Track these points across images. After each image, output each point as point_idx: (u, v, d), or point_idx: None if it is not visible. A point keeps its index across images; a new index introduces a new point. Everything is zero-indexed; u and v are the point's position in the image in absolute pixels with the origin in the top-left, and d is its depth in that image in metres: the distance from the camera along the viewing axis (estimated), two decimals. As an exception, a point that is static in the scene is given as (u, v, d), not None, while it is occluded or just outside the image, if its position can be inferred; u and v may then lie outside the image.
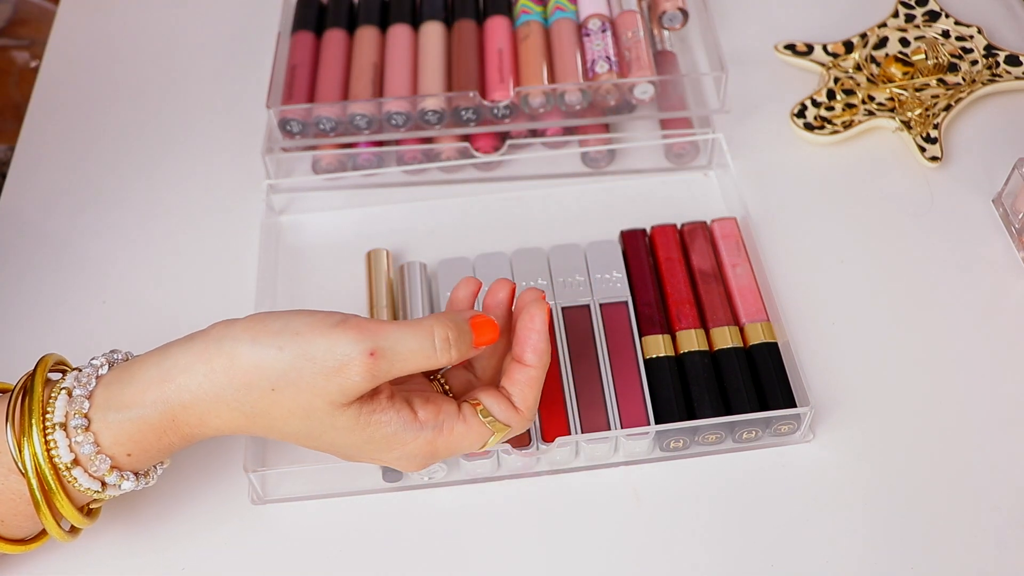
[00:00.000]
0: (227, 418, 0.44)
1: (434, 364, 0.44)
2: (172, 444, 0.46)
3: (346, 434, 0.44)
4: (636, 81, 0.65)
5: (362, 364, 0.42)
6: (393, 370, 0.43)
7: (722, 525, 0.52)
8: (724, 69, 0.65)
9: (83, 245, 0.66)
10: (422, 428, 0.45)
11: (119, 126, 0.72)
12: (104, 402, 0.45)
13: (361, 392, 0.43)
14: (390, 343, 0.43)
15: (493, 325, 0.46)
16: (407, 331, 0.43)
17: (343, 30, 0.72)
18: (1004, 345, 0.58)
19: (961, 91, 0.69)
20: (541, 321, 0.46)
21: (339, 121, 0.66)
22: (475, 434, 0.46)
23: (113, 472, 0.45)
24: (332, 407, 0.43)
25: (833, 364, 0.58)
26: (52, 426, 0.44)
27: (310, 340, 0.43)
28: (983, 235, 0.63)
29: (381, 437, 0.44)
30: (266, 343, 0.43)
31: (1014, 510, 0.52)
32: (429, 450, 0.45)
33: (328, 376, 0.42)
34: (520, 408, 0.46)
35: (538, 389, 0.47)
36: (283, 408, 0.43)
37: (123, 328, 0.61)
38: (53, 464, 0.44)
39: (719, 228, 0.62)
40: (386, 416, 0.44)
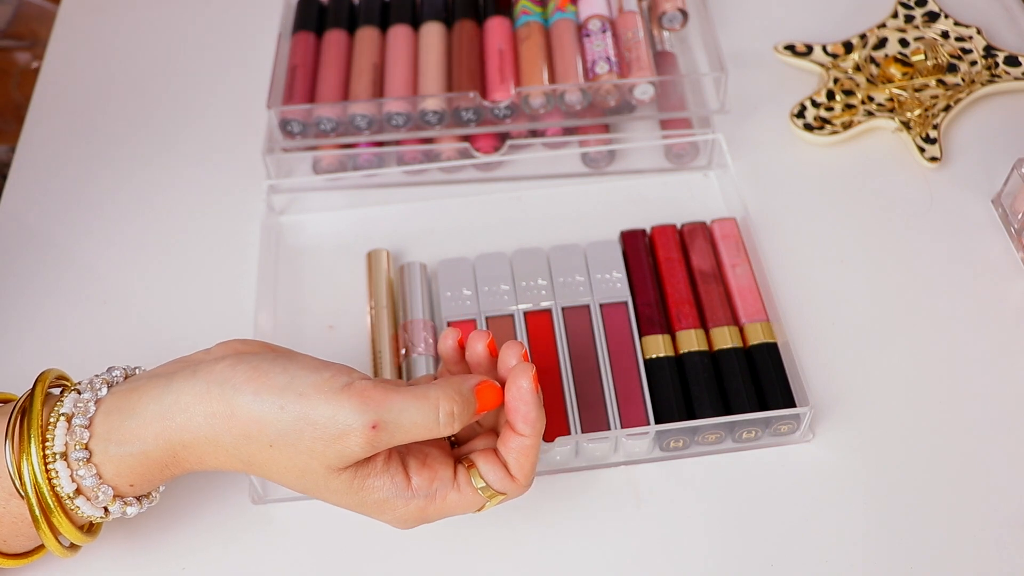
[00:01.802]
0: (224, 461, 0.44)
1: (436, 436, 0.44)
2: (174, 474, 0.46)
3: (339, 496, 0.44)
4: (636, 82, 0.65)
5: (363, 435, 0.42)
6: (394, 441, 0.43)
7: (722, 525, 0.52)
8: (724, 69, 0.65)
9: (84, 245, 0.66)
10: (414, 496, 0.44)
11: (119, 127, 0.72)
12: (105, 434, 0.44)
13: (358, 459, 0.43)
14: (393, 415, 0.42)
15: (497, 391, 0.45)
16: (411, 403, 0.43)
17: (343, 31, 0.72)
18: (1004, 345, 0.58)
19: (960, 92, 0.69)
20: (528, 390, 0.44)
21: (339, 121, 0.66)
22: (468, 502, 0.45)
23: (116, 501, 0.45)
24: (328, 471, 0.43)
25: (833, 364, 0.58)
26: (53, 455, 0.43)
27: (313, 404, 0.42)
28: (982, 235, 0.63)
29: (373, 501, 0.44)
30: (268, 400, 0.42)
31: (1014, 510, 0.52)
32: (420, 516, 0.45)
33: (327, 443, 0.42)
34: (516, 477, 0.46)
35: (534, 456, 0.46)
36: (279, 464, 0.43)
37: (123, 328, 0.61)
38: (55, 493, 0.44)
39: (719, 228, 0.62)
40: (379, 481, 0.44)
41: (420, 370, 0.56)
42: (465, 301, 0.59)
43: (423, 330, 0.58)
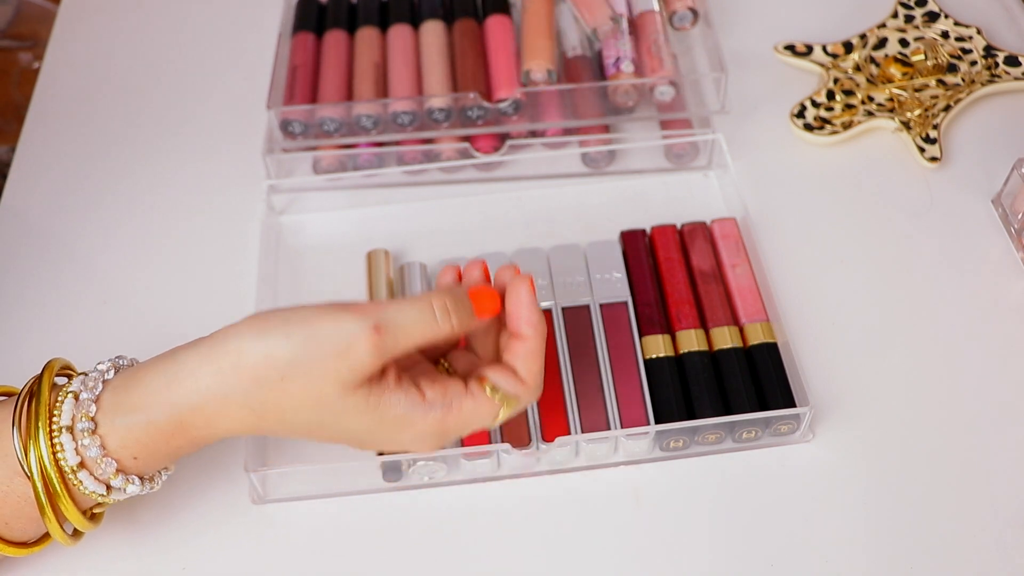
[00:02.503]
0: (236, 418, 0.44)
1: (437, 333, 0.45)
2: (180, 448, 0.46)
3: (357, 418, 0.44)
4: (656, 81, 0.65)
5: (368, 340, 0.43)
6: (399, 343, 0.44)
7: (722, 525, 0.52)
8: (724, 70, 0.65)
9: (84, 245, 0.66)
10: (431, 407, 0.45)
11: (120, 126, 0.72)
12: (111, 406, 0.45)
13: (370, 370, 0.43)
14: (392, 315, 0.44)
15: (492, 294, 0.47)
16: (407, 304, 0.45)
17: (343, 31, 0.72)
18: (1003, 345, 0.58)
19: (960, 92, 0.69)
20: (527, 293, 0.47)
21: (343, 122, 0.66)
22: (484, 409, 0.46)
23: (119, 475, 0.45)
24: (343, 390, 0.43)
25: (833, 364, 0.58)
26: (59, 429, 0.44)
27: (316, 325, 0.43)
28: (982, 235, 0.63)
29: (392, 418, 0.45)
30: (272, 333, 0.43)
31: (1014, 510, 0.52)
32: (440, 428, 0.46)
33: (337, 357, 0.43)
34: (525, 379, 0.47)
35: (540, 359, 0.47)
36: (294, 399, 0.43)
37: (124, 327, 0.61)
38: (59, 467, 0.44)
39: (719, 228, 0.62)
40: (395, 397, 0.44)
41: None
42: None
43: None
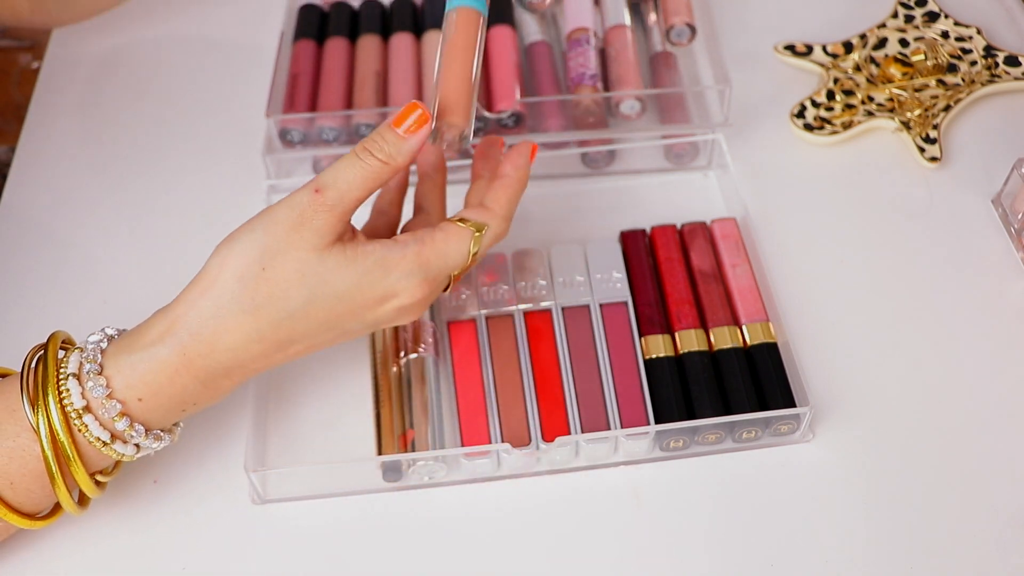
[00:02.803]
0: (235, 327, 0.46)
1: (372, 169, 0.47)
2: (186, 387, 0.47)
3: (341, 272, 0.47)
4: (623, 96, 0.65)
5: (314, 200, 0.46)
6: (343, 195, 0.47)
7: (722, 525, 0.52)
8: (728, 82, 0.65)
9: (84, 245, 0.66)
10: (405, 244, 0.48)
11: (119, 127, 0.72)
12: (116, 350, 0.47)
13: (331, 229, 0.47)
14: (327, 174, 0.47)
15: (410, 106, 0.48)
16: (339, 160, 0.48)
17: (345, 39, 0.72)
18: (1003, 345, 0.58)
19: (960, 92, 0.69)
20: (527, 150, 0.51)
21: (342, 131, 0.66)
22: (455, 238, 0.49)
23: (123, 418, 0.46)
24: (316, 252, 0.46)
25: (833, 364, 0.58)
26: (66, 376, 0.46)
27: (272, 210, 0.47)
28: (982, 235, 0.63)
29: (373, 262, 0.47)
30: (241, 236, 0.47)
31: (1014, 510, 0.52)
32: (420, 262, 0.48)
33: (299, 227, 0.46)
34: (492, 207, 0.50)
35: (512, 192, 0.50)
36: (280, 282, 0.46)
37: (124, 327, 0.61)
38: (64, 413, 0.45)
39: (719, 228, 0.62)
40: (368, 246, 0.48)
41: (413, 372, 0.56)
42: (465, 301, 0.59)
43: (423, 330, 0.57)
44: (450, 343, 0.58)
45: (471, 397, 0.55)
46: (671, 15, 0.70)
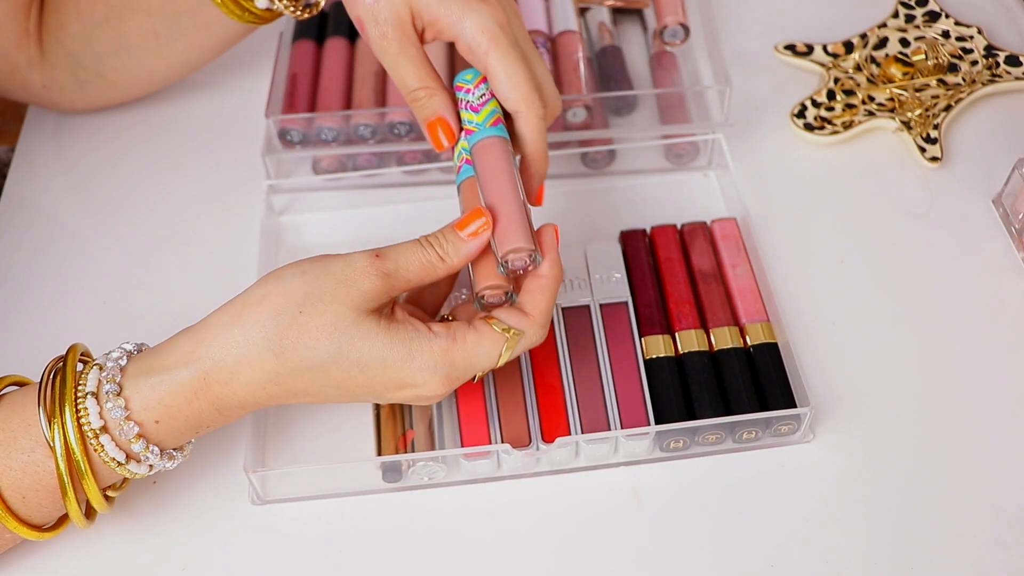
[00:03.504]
0: (257, 364, 0.46)
1: (429, 260, 0.48)
2: (201, 411, 0.47)
3: (371, 341, 0.46)
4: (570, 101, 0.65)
5: (372, 264, 0.47)
6: (400, 270, 0.47)
7: (722, 525, 0.52)
8: (728, 82, 0.65)
9: (83, 246, 0.66)
10: (436, 336, 0.47)
11: (119, 127, 0.72)
12: (136, 370, 0.47)
13: (378, 295, 0.47)
14: (391, 248, 0.48)
15: (477, 212, 0.48)
16: (404, 244, 0.49)
17: (344, 38, 0.72)
18: (1004, 345, 0.58)
19: (961, 91, 0.69)
20: (551, 237, 0.49)
21: (341, 131, 0.66)
22: (488, 341, 0.48)
23: (139, 440, 0.46)
24: (356, 314, 0.46)
25: (833, 364, 0.58)
26: (84, 395, 0.46)
27: (327, 261, 0.47)
28: (983, 235, 0.63)
29: (401, 342, 0.47)
30: (288, 274, 0.47)
31: (1014, 510, 0.52)
32: (446, 359, 0.47)
33: (348, 283, 0.46)
34: (531, 314, 0.49)
35: (550, 297, 0.49)
36: (312, 329, 0.46)
37: (124, 328, 0.61)
38: (81, 431, 0.45)
39: (719, 228, 0.62)
40: (403, 327, 0.47)
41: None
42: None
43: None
44: (450, 343, 0.58)
45: (471, 397, 0.55)
46: (665, 15, 0.70)
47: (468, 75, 0.52)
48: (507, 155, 0.51)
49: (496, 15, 0.51)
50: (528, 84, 0.51)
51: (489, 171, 0.50)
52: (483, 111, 0.52)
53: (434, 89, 0.52)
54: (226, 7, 0.59)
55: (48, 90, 0.67)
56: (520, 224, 0.48)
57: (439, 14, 0.51)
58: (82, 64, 0.65)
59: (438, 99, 0.52)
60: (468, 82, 0.52)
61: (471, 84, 0.52)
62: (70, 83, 0.67)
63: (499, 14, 0.51)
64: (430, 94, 0.52)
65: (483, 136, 0.51)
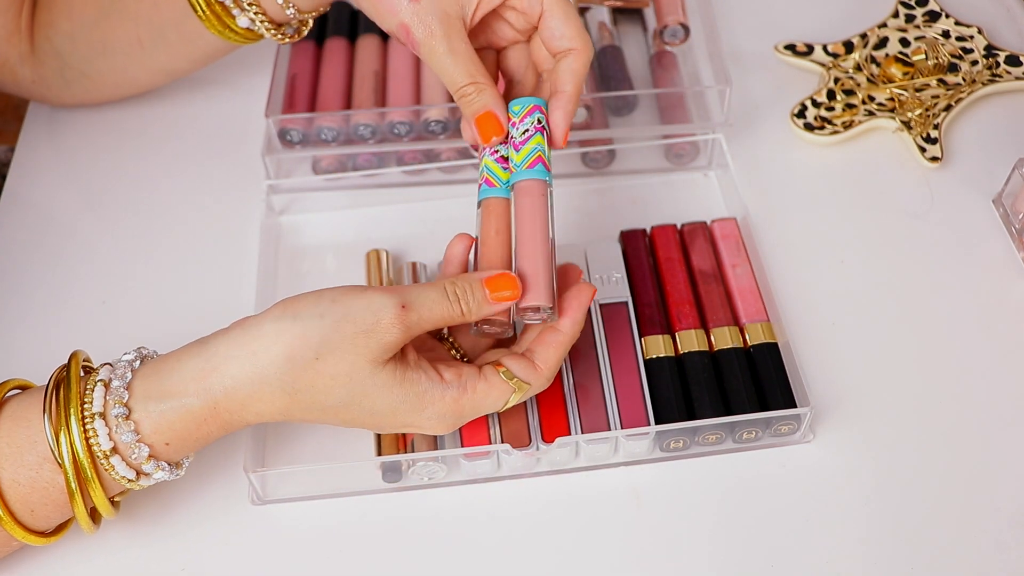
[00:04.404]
0: (269, 400, 0.46)
1: (452, 314, 0.47)
2: (210, 433, 0.47)
3: (384, 392, 0.47)
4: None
5: (396, 316, 0.46)
6: (422, 321, 0.47)
7: (722, 525, 0.52)
8: (728, 82, 0.65)
9: (83, 245, 0.66)
10: (448, 387, 0.48)
11: (119, 126, 0.72)
12: (144, 392, 0.46)
13: (397, 346, 0.46)
14: (415, 296, 0.47)
15: (507, 276, 0.48)
16: (427, 286, 0.48)
17: (344, 38, 0.72)
18: (1004, 345, 0.58)
19: (961, 91, 0.69)
20: (586, 300, 0.50)
21: (341, 131, 0.66)
22: (497, 391, 0.49)
23: (150, 461, 0.46)
24: (373, 365, 0.46)
25: (833, 364, 0.58)
26: (91, 415, 0.45)
27: (347, 304, 0.46)
28: (983, 235, 0.63)
29: (414, 395, 0.47)
30: (307, 314, 0.46)
31: (1014, 510, 0.52)
32: (455, 408, 0.48)
33: (368, 334, 0.45)
34: (541, 367, 0.49)
35: (562, 353, 0.50)
36: (326, 376, 0.46)
37: (123, 328, 0.61)
38: (91, 452, 0.45)
39: (719, 228, 0.62)
40: (416, 375, 0.47)
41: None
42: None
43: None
44: (450, 343, 0.58)
45: (471, 397, 0.55)
46: (665, 15, 0.70)
47: (516, 106, 0.52)
48: (546, 202, 0.51)
49: None
50: (581, 24, 0.53)
51: (526, 218, 0.50)
52: (523, 149, 0.51)
53: (483, 84, 0.52)
54: (209, 22, 0.59)
55: (36, 85, 0.67)
56: (545, 282, 0.48)
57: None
58: (69, 63, 0.65)
59: (488, 94, 0.52)
60: (515, 115, 0.52)
61: (516, 118, 0.52)
62: (57, 80, 0.67)
63: None
64: (479, 89, 0.52)
65: (525, 177, 0.51)
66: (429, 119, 0.65)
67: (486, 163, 0.52)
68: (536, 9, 0.53)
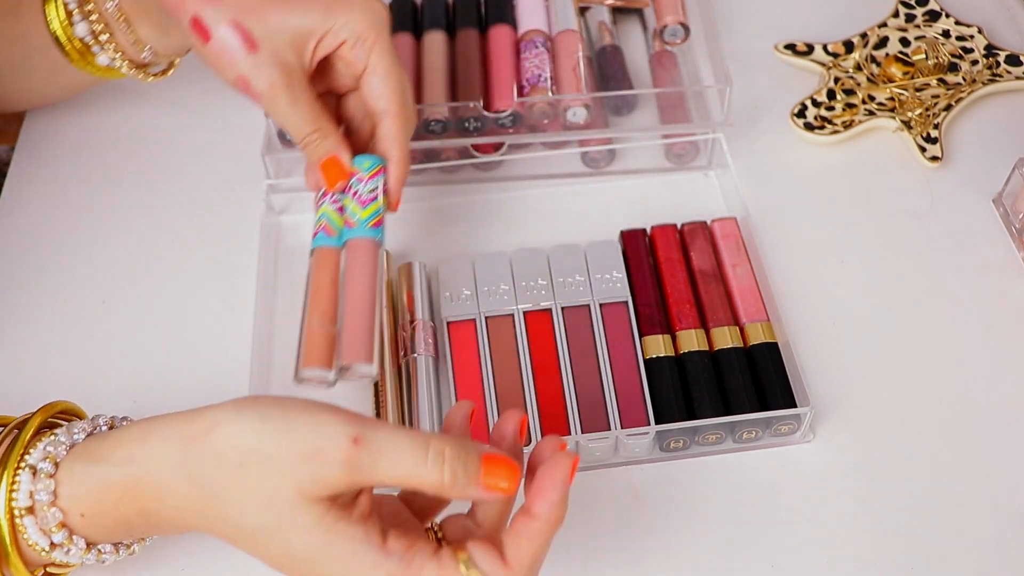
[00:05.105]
0: (184, 496, 0.41)
1: (422, 477, 0.39)
2: (128, 520, 0.42)
3: (303, 536, 0.39)
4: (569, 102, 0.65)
5: (342, 450, 0.38)
6: (376, 468, 0.38)
7: (722, 525, 0.52)
8: (729, 82, 0.65)
9: (83, 245, 0.66)
10: (386, 557, 0.39)
11: (119, 125, 0.72)
12: (79, 452, 0.43)
13: (335, 487, 0.39)
14: (378, 436, 0.39)
15: (509, 465, 0.40)
16: (402, 433, 0.39)
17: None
18: (1004, 345, 0.58)
19: (961, 91, 0.69)
20: (565, 473, 0.40)
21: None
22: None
23: (62, 530, 0.42)
24: (299, 497, 0.39)
25: (833, 364, 0.58)
26: (24, 467, 0.42)
27: (296, 417, 0.39)
28: (983, 235, 0.63)
29: (339, 552, 0.39)
30: (247, 413, 0.40)
31: (1014, 510, 0.52)
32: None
33: (304, 459, 0.38)
34: (511, 564, 0.40)
35: (538, 546, 0.40)
36: (245, 491, 0.39)
37: (123, 328, 0.61)
38: (10, 507, 0.42)
39: (719, 228, 0.62)
40: (352, 529, 0.39)
41: (420, 371, 0.56)
42: (465, 301, 0.59)
43: (423, 331, 0.57)
44: (450, 343, 0.58)
45: (471, 397, 0.55)
46: (665, 14, 0.70)
47: (366, 163, 0.52)
48: (376, 262, 0.50)
49: (383, 13, 0.52)
50: (404, 86, 0.52)
51: (357, 274, 0.50)
52: (369, 208, 0.51)
53: (327, 130, 0.52)
54: (71, 56, 0.58)
55: None
56: (366, 341, 0.47)
57: (332, 23, 0.50)
58: None
59: (332, 140, 0.52)
60: (365, 171, 0.52)
61: (366, 174, 0.52)
62: None
63: (382, 8, 0.52)
64: (323, 135, 0.51)
65: (362, 235, 0.51)
66: (429, 119, 0.65)
67: (325, 211, 0.52)
68: (360, 63, 0.51)
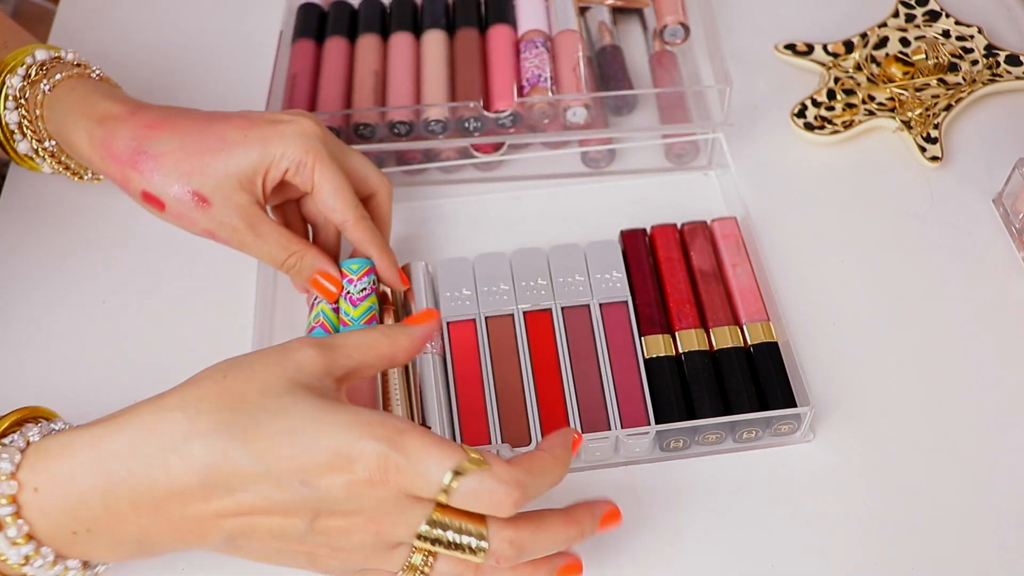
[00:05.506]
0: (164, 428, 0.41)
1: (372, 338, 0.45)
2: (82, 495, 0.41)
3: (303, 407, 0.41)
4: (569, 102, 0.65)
5: (311, 345, 0.43)
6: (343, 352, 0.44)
7: (722, 525, 0.52)
8: (729, 82, 0.65)
9: (83, 245, 0.66)
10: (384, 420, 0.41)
11: (119, 126, 0.72)
12: (54, 435, 0.43)
13: (315, 367, 0.42)
14: (334, 337, 0.44)
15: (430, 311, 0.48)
16: (355, 330, 0.46)
17: (344, 38, 0.72)
18: (1004, 345, 0.58)
19: (961, 91, 0.69)
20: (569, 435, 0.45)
21: (340, 130, 0.66)
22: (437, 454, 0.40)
23: (10, 504, 0.41)
24: (289, 383, 0.41)
25: (833, 364, 0.58)
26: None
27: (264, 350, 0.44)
28: (983, 235, 0.63)
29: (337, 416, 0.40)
30: (224, 362, 0.43)
31: (1014, 510, 0.52)
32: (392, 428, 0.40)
33: (280, 354, 0.43)
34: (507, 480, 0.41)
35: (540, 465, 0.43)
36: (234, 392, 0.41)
37: (123, 328, 0.61)
38: None
39: (719, 228, 0.62)
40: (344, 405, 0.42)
41: (420, 370, 0.56)
42: (465, 301, 0.59)
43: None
44: (450, 343, 0.58)
45: (471, 397, 0.55)
46: (665, 14, 0.70)
47: (354, 265, 0.55)
48: None
49: (311, 128, 0.53)
50: (350, 197, 0.54)
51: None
52: (361, 306, 0.54)
53: (302, 250, 0.54)
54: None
55: None
56: None
57: (271, 156, 0.52)
58: None
59: (310, 256, 0.54)
60: (353, 272, 0.55)
61: (355, 275, 0.55)
62: None
63: (313, 126, 0.53)
64: (300, 255, 0.54)
65: None
66: (429, 119, 0.65)
67: (322, 308, 0.56)
68: (307, 184, 0.54)
